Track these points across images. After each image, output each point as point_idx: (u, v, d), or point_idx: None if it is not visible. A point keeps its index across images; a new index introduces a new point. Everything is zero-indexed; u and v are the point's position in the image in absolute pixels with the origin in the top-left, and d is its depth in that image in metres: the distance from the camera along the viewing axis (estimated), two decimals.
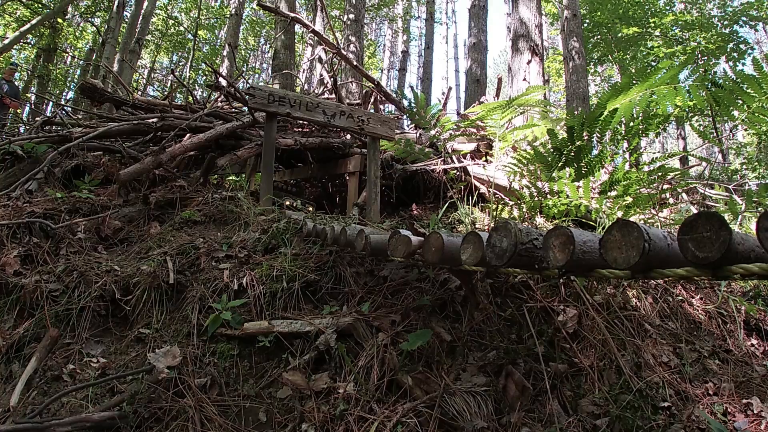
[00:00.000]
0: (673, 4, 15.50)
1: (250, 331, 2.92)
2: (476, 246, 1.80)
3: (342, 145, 6.51)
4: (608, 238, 1.36)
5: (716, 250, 1.13)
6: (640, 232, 1.28)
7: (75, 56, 19.61)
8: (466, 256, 1.84)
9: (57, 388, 2.69)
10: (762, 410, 2.34)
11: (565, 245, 1.46)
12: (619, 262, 1.33)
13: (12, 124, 8.17)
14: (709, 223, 1.15)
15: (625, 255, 1.31)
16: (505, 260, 1.62)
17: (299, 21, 9.62)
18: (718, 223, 1.14)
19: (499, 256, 1.65)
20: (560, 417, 2.33)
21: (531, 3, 8.57)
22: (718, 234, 1.13)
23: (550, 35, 23.38)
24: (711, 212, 1.17)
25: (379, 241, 2.49)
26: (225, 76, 8.69)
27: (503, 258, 1.63)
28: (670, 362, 2.68)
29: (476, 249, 1.80)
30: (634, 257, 1.28)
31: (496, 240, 1.67)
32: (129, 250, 3.90)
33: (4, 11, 15.38)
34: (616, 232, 1.34)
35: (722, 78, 4.07)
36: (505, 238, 1.63)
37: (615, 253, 1.34)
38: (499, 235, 1.66)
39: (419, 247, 2.14)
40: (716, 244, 1.13)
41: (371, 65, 26.55)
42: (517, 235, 1.59)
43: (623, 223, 1.33)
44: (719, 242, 1.13)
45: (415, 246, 2.14)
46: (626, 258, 1.31)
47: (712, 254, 1.14)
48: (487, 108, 4.90)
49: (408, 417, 2.32)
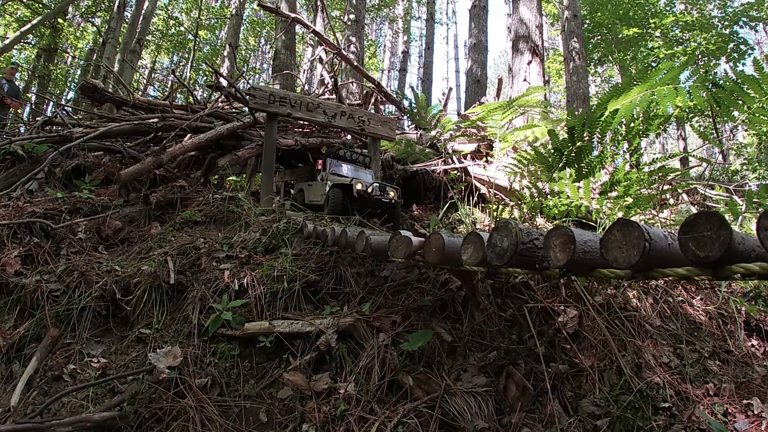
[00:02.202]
0: (673, 5, 15.51)
1: (250, 332, 2.92)
2: (477, 246, 1.80)
3: (343, 146, 6.51)
4: (609, 237, 1.36)
5: (717, 249, 1.13)
6: (641, 232, 1.28)
7: (75, 56, 19.64)
8: (467, 256, 1.84)
9: (57, 388, 2.69)
10: (762, 411, 2.34)
11: (566, 245, 1.46)
12: (620, 262, 1.32)
13: (12, 124, 8.18)
14: (710, 223, 1.15)
15: (626, 254, 1.31)
16: (506, 260, 1.62)
17: (300, 21, 9.63)
18: (718, 223, 1.14)
19: (500, 256, 1.65)
20: (561, 417, 2.33)
21: (531, 4, 8.58)
22: (718, 233, 1.13)
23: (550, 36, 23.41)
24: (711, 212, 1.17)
25: (380, 242, 2.50)
26: (225, 76, 8.70)
27: (504, 258, 1.63)
28: (670, 363, 2.68)
29: (477, 249, 1.80)
30: (634, 256, 1.28)
31: (497, 240, 1.67)
32: (130, 250, 3.91)
33: (5, 11, 15.41)
34: (617, 232, 1.34)
35: (723, 79, 4.07)
36: (506, 237, 1.63)
37: (616, 252, 1.34)
38: (500, 235, 1.66)
39: (420, 247, 2.14)
40: (717, 243, 1.13)
41: (372, 66, 26.59)
42: (518, 234, 1.59)
43: (624, 223, 1.33)
44: (720, 241, 1.13)
45: (416, 247, 2.15)
46: (627, 257, 1.30)
47: (713, 253, 1.14)
48: (488, 108, 4.90)
49: (409, 417, 2.32)
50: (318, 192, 4.91)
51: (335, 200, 4.38)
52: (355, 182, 4.46)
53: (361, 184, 4.45)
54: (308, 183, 5.24)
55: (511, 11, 9.39)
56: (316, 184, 5.01)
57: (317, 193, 4.92)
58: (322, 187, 4.84)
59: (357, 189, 4.42)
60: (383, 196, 4.56)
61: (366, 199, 4.43)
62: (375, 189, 4.54)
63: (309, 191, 5.15)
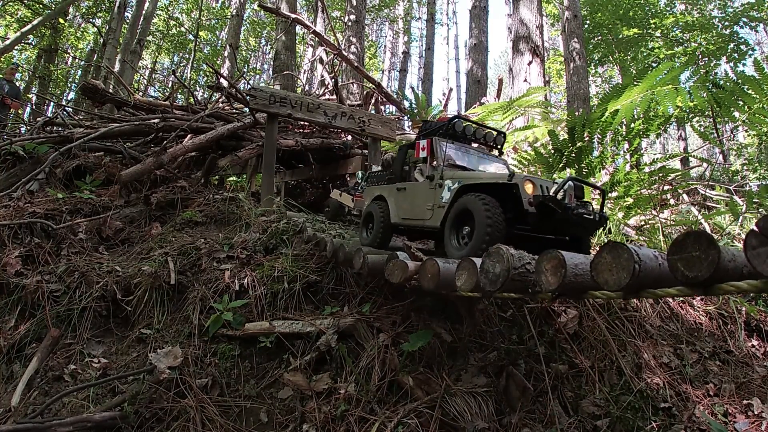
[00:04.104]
0: (673, 5, 15.51)
1: (251, 332, 2.93)
2: (470, 272, 1.82)
3: (343, 146, 6.51)
4: (599, 260, 1.38)
5: (705, 270, 1.15)
6: (630, 254, 1.30)
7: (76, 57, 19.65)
8: (461, 282, 1.86)
9: (58, 388, 2.69)
10: (763, 411, 2.34)
11: (557, 269, 1.48)
12: (610, 284, 1.34)
13: (13, 125, 8.19)
14: (698, 243, 1.17)
15: (616, 277, 1.33)
16: (498, 285, 1.65)
17: (300, 22, 9.64)
18: (706, 243, 1.15)
19: (492, 282, 1.67)
20: (561, 418, 2.34)
21: (532, 4, 8.58)
22: (707, 253, 1.15)
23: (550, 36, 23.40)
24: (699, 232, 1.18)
25: (377, 262, 2.49)
26: (226, 76, 8.71)
27: (497, 283, 1.65)
28: (670, 363, 2.68)
29: (470, 275, 1.82)
30: (624, 279, 1.31)
31: (489, 265, 1.69)
32: (130, 251, 3.91)
33: (5, 12, 15.42)
34: (607, 255, 1.36)
35: (723, 79, 4.08)
36: (498, 263, 1.65)
37: (606, 275, 1.36)
38: (492, 261, 1.68)
39: (416, 272, 2.15)
40: (705, 263, 1.15)
41: (372, 66, 26.61)
42: (510, 260, 1.61)
43: (613, 246, 1.35)
44: (708, 261, 1.14)
45: (412, 272, 2.15)
46: (617, 280, 1.33)
47: (702, 273, 1.15)
48: (488, 109, 4.91)
49: (409, 417, 2.32)
50: (423, 200, 2.85)
51: (493, 222, 2.25)
52: (524, 181, 2.32)
53: (532, 185, 2.34)
54: (396, 186, 3.17)
55: (511, 12, 9.39)
56: (418, 188, 2.96)
57: (421, 202, 2.87)
58: (432, 192, 2.79)
59: (530, 196, 2.30)
60: (584, 208, 2.39)
61: (552, 214, 2.25)
62: (569, 194, 2.37)
63: (402, 200, 3.09)
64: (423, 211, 2.81)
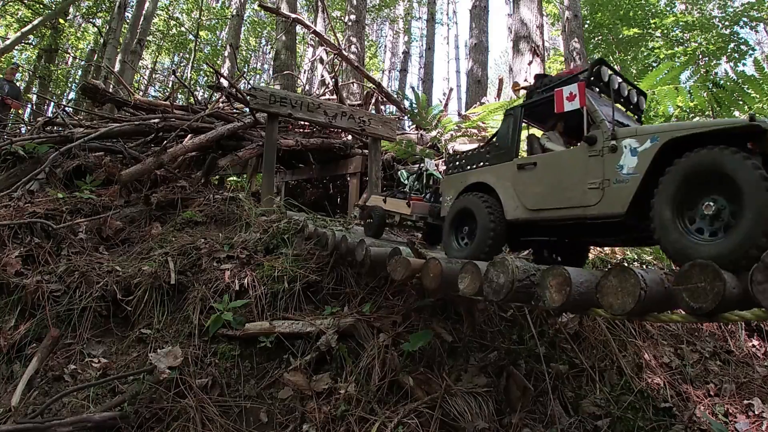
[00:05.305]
0: (673, 5, 15.50)
1: (251, 332, 2.92)
2: (474, 276, 1.82)
3: (343, 146, 6.51)
4: (605, 282, 1.37)
5: (711, 301, 1.14)
6: (637, 279, 1.28)
7: (76, 57, 19.64)
8: (464, 285, 1.85)
9: (58, 389, 2.69)
10: (763, 411, 2.34)
11: (562, 286, 1.48)
12: (615, 308, 1.33)
13: (13, 125, 8.18)
14: (704, 274, 1.17)
15: (621, 302, 1.32)
16: (502, 296, 1.65)
17: (300, 22, 9.64)
18: (712, 274, 1.15)
19: (496, 292, 1.67)
20: (561, 418, 2.33)
21: (532, 4, 8.58)
22: (712, 284, 1.14)
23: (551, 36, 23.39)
24: (705, 263, 1.17)
25: (380, 254, 2.50)
26: (226, 76, 8.71)
27: (500, 294, 1.65)
28: (671, 363, 2.68)
29: (474, 279, 1.82)
30: (629, 304, 1.29)
31: (494, 275, 1.70)
32: (130, 251, 3.91)
33: (6, 12, 15.42)
34: (613, 278, 1.35)
35: (723, 79, 4.08)
36: (503, 274, 1.66)
37: (611, 298, 1.34)
38: (497, 271, 1.68)
39: (418, 270, 2.15)
40: (711, 294, 1.14)
41: (372, 66, 26.59)
42: (514, 272, 1.61)
43: (621, 270, 1.34)
44: (713, 293, 1.14)
45: (415, 269, 2.16)
46: (622, 305, 1.31)
47: (707, 305, 1.15)
48: (489, 109, 4.91)
49: (409, 418, 2.32)
50: (580, 177, 2.04)
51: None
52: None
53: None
54: (517, 163, 2.36)
55: (511, 11, 9.39)
56: (564, 158, 2.19)
57: (575, 180, 2.06)
58: (596, 161, 1.99)
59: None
60: None
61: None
62: None
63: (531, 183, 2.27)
64: (582, 193, 1.97)
